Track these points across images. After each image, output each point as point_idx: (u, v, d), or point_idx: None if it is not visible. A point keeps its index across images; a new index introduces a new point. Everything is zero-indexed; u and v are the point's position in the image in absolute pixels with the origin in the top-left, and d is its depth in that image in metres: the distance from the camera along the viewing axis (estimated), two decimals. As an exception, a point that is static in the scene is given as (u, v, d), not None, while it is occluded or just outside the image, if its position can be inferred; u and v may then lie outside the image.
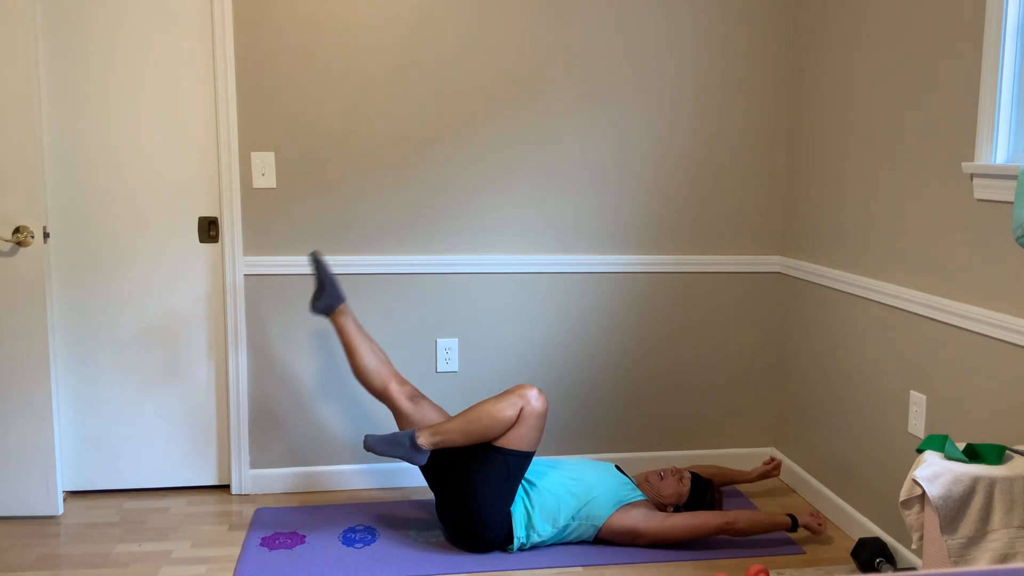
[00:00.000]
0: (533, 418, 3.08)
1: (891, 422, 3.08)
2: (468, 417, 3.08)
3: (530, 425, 3.08)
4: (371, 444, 3.06)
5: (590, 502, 3.14)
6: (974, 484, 2.13)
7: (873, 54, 3.16)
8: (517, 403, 3.08)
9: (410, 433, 3.07)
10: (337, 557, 3.09)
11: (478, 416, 3.07)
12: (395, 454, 3.06)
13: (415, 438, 3.06)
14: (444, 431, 3.08)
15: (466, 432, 3.07)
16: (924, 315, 2.88)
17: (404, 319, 3.66)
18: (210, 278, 3.56)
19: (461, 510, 3.08)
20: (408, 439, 3.06)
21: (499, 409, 3.06)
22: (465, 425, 3.07)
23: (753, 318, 3.88)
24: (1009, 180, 2.50)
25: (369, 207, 3.59)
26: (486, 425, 3.06)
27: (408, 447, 3.06)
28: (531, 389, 3.10)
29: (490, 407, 3.07)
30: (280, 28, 3.46)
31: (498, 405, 3.07)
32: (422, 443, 3.06)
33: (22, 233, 3.21)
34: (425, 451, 3.07)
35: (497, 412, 3.06)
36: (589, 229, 3.72)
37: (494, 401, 3.09)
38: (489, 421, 3.06)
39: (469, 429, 3.07)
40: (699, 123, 3.73)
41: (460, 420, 3.08)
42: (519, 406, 3.07)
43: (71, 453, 3.57)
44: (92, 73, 3.40)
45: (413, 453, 3.06)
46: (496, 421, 3.06)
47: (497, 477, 3.06)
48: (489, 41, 3.57)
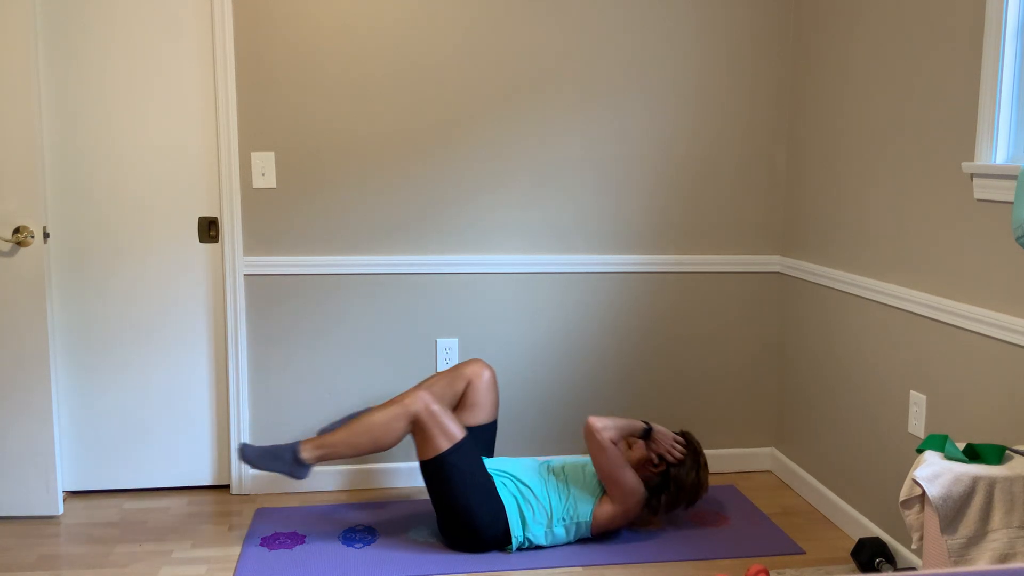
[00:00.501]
0: (433, 419, 3.00)
1: (891, 422, 3.08)
2: (353, 430, 2.98)
3: (436, 423, 3.00)
4: (249, 456, 2.94)
5: (575, 500, 3.14)
6: (974, 484, 2.13)
7: (873, 54, 3.17)
8: (406, 414, 2.99)
9: (292, 446, 2.96)
10: (337, 557, 3.09)
11: (365, 428, 2.98)
12: (274, 469, 2.95)
13: (298, 452, 2.96)
14: (329, 444, 2.98)
15: (353, 444, 2.98)
16: (924, 315, 2.88)
17: (404, 319, 3.66)
18: (210, 278, 3.56)
19: (453, 521, 3.08)
20: (290, 453, 2.95)
21: (384, 423, 2.98)
22: (351, 438, 2.98)
23: (753, 318, 3.88)
24: (1009, 180, 2.50)
25: (369, 207, 3.59)
26: (374, 436, 2.98)
27: (290, 461, 2.95)
28: (417, 396, 3.01)
29: (376, 420, 2.99)
30: (280, 28, 3.46)
31: (383, 418, 2.99)
32: (305, 457, 2.96)
33: (22, 233, 3.21)
34: (308, 465, 2.97)
35: (383, 425, 2.98)
36: (589, 229, 3.73)
37: (382, 411, 3.01)
38: (378, 433, 2.98)
39: (355, 442, 2.98)
40: (699, 123, 3.73)
41: (345, 432, 2.99)
42: (408, 417, 3.00)
43: (71, 453, 3.57)
44: (92, 73, 3.40)
45: (295, 468, 2.95)
46: (384, 432, 2.98)
47: (457, 479, 3.02)
48: (489, 41, 3.57)
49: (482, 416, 3.29)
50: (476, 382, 3.27)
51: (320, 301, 3.60)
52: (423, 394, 3.03)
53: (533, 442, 3.80)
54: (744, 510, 3.52)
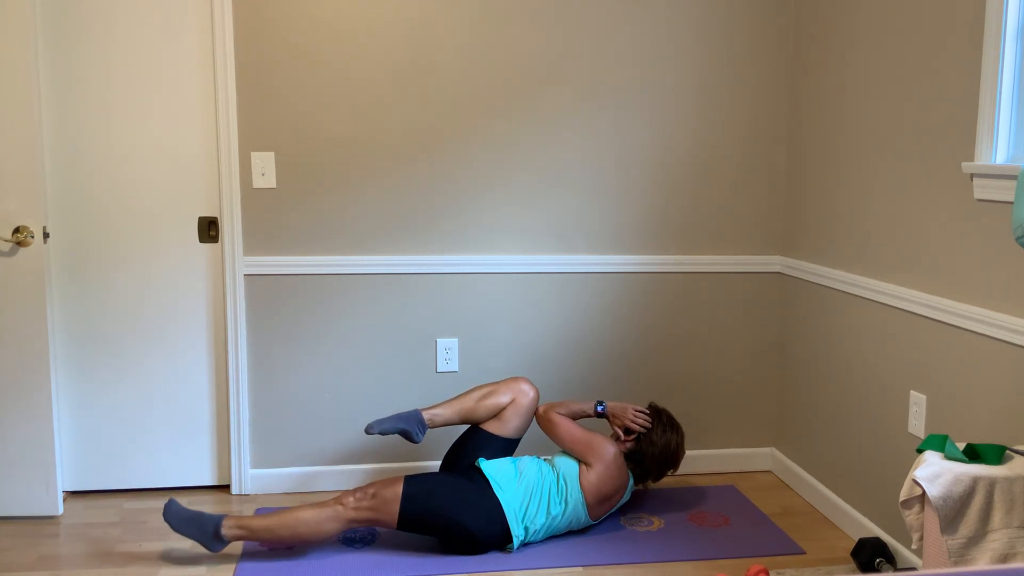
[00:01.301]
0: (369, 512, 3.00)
1: (891, 422, 3.08)
2: (281, 520, 2.97)
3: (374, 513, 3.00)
4: (170, 516, 2.96)
5: (565, 481, 3.16)
6: (974, 484, 2.13)
7: (873, 54, 3.17)
8: (335, 516, 2.98)
9: (216, 519, 2.96)
10: (337, 557, 3.09)
11: (291, 523, 2.97)
12: (191, 535, 2.96)
13: (219, 527, 2.96)
14: (249, 528, 2.97)
15: (274, 533, 2.98)
16: (924, 315, 2.88)
17: (404, 319, 3.66)
18: (210, 278, 3.56)
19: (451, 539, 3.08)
20: (213, 526, 2.96)
21: (315, 523, 2.97)
22: (274, 527, 2.97)
23: (753, 318, 3.88)
24: (1009, 180, 2.50)
25: (369, 207, 3.59)
26: (298, 534, 2.98)
27: (210, 533, 2.96)
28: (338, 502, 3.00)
29: (305, 517, 2.97)
30: (280, 28, 3.46)
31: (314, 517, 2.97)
32: (225, 533, 2.96)
33: (22, 233, 3.21)
34: (225, 542, 2.97)
35: (312, 524, 2.97)
36: (589, 229, 3.72)
37: (311, 512, 2.98)
38: (303, 531, 2.97)
39: (278, 532, 2.98)
40: (699, 123, 3.73)
41: (272, 520, 2.98)
42: (343, 520, 2.99)
43: (71, 453, 3.57)
44: (92, 73, 3.40)
45: (212, 541, 2.97)
46: (312, 533, 2.97)
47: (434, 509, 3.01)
48: (489, 41, 3.57)
49: (509, 431, 3.30)
50: (520, 400, 3.30)
51: (320, 301, 3.60)
52: (347, 500, 2.99)
53: (533, 442, 3.80)
54: (744, 510, 3.52)
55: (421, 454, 3.75)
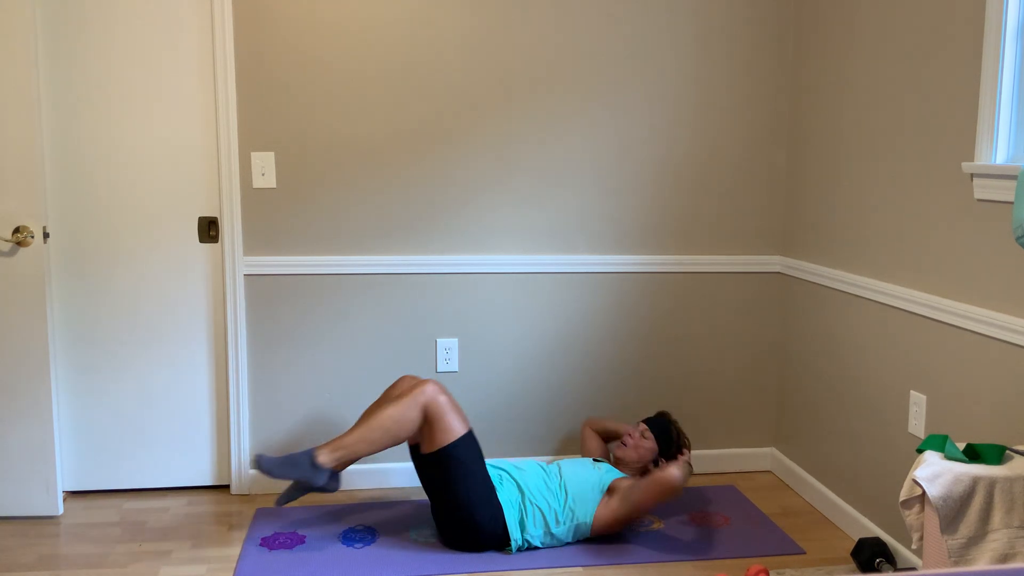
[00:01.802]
0: (441, 408, 3.02)
1: (891, 422, 3.08)
2: (369, 426, 3.00)
3: (444, 414, 3.02)
4: (266, 467, 2.94)
5: (574, 503, 3.13)
6: (974, 484, 2.13)
7: (873, 54, 3.17)
8: (417, 403, 3.01)
9: (308, 452, 2.98)
10: (337, 557, 3.09)
11: (379, 422, 2.99)
12: (293, 476, 2.95)
13: (315, 457, 2.97)
14: (345, 445, 2.99)
15: (369, 440, 2.99)
16: (924, 315, 2.88)
17: (404, 319, 3.66)
18: (210, 278, 3.56)
19: (451, 516, 3.08)
20: (307, 458, 2.96)
21: (399, 412, 3.00)
22: (367, 434, 2.99)
23: (753, 318, 3.88)
24: (1009, 180, 2.50)
25: (369, 207, 3.59)
26: (388, 429, 2.99)
27: (307, 466, 2.96)
28: (427, 385, 3.04)
29: (390, 411, 3.00)
30: (280, 28, 3.46)
31: (398, 408, 3.00)
32: (322, 461, 2.97)
33: (22, 233, 3.21)
34: (325, 469, 2.97)
35: (398, 415, 2.99)
36: (589, 229, 3.73)
37: (394, 405, 3.02)
38: (391, 425, 2.99)
39: (371, 437, 2.99)
40: (699, 123, 3.73)
41: (360, 430, 3.00)
42: (420, 405, 3.01)
43: (71, 453, 3.57)
44: (92, 73, 3.40)
45: (313, 473, 2.96)
46: (399, 425, 2.99)
47: (459, 473, 3.04)
48: (489, 41, 3.57)
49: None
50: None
51: (320, 301, 3.60)
52: (432, 385, 3.05)
53: (533, 442, 3.80)
54: (744, 510, 3.52)
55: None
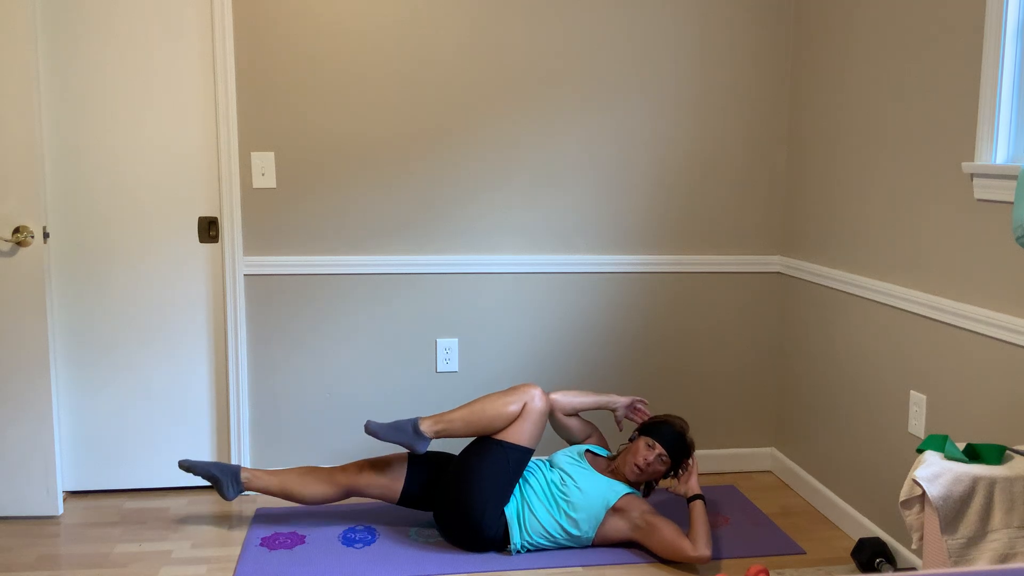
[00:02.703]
0: (535, 415, 3.14)
1: (891, 422, 3.08)
2: (473, 408, 3.14)
3: (532, 421, 3.13)
4: (374, 428, 3.11)
5: (579, 519, 3.11)
6: (974, 484, 2.13)
7: (873, 54, 3.17)
8: (521, 399, 3.14)
9: (413, 420, 3.13)
10: (337, 557, 3.09)
11: (483, 408, 3.13)
12: (398, 440, 3.10)
13: (418, 425, 3.12)
14: (448, 420, 3.14)
15: (469, 423, 3.13)
16: (924, 315, 2.88)
17: (404, 319, 3.66)
18: (210, 278, 3.56)
19: (459, 502, 3.07)
20: (411, 425, 3.12)
21: (504, 403, 3.13)
22: (469, 416, 3.13)
23: (753, 318, 3.88)
24: (1009, 180, 2.50)
25: (369, 207, 3.59)
26: (490, 416, 3.12)
27: (411, 433, 3.11)
28: (535, 388, 3.17)
29: (495, 400, 3.14)
30: (280, 28, 3.46)
31: (503, 399, 3.14)
32: (424, 430, 3.12)
33: (22, 233, 3.21)
34: (427, 438, 3.12)
35: (501, 406, 3.13)
36: (589, 229, 3.73)
37: (499, 395, 3.15)
38: (493, 413, 3.12)
39: (472, 420, 3.13)
40: (699, 123, 3.73)
41: (464, 411, 3.14)
42: (523, 402, 3.14)
43: (71, 453, 3.57)
44: (92, 73, 3.40)
45: (415, 439, 3.11)
46: (500, 415, 3.12)
47: (496, 470, 3.07)
48: (489, 41, 3.57)
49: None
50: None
51: (320, 301, 3.60)
52: (538, 390, 3.18)
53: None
54: (744, 510, 3.52)
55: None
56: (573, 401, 3.38)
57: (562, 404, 3.37)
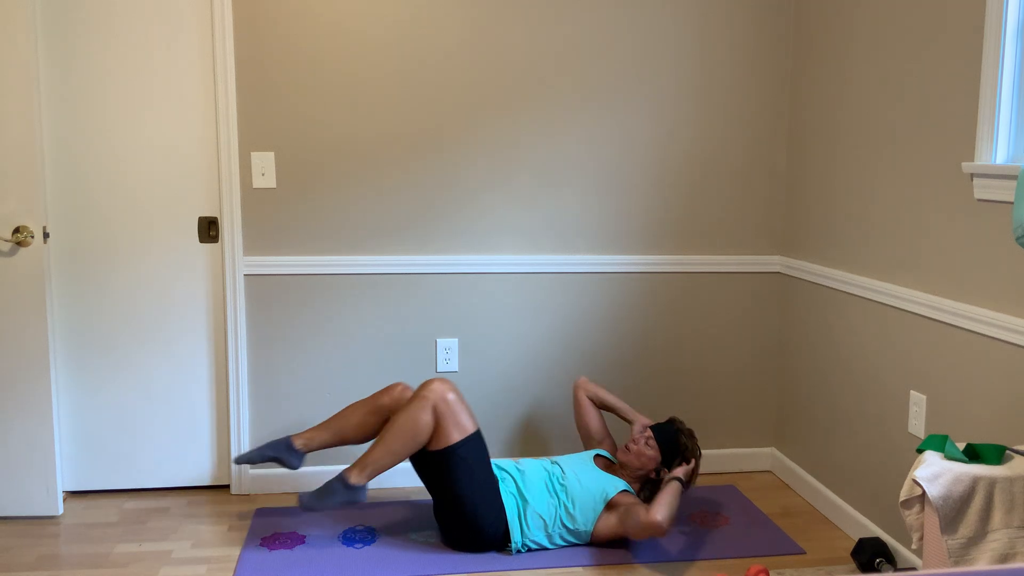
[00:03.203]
0: (451, 407, 3.07)
1: (891, 422, 3.08)
2: (387, 438, 3.07)
3: (453, 413, 3.07)
4: (307, 504, 3.05)
5: (576, 511, 3.12)
6: (974, 484, 2.13)
7: (873, 54, 3.17)
8: (425, 403, 3.05)
9: (340, 477, 3.07)
10: (337, 557, 3.09)
11: (396, 432, 3.06)
12: (334, 503, 3.05)
13: (347, 480, 3.06)
14: (371, 461, 3.07)
15: (392, 451, 3.06)
16: (924, 315, 2.88)
17: (404, 319, 3.66)
18: (210, 278, 3.56)
19: (453, 515, 3.08)
20: (340, 484, 3.06)
21: (411, 418, 3.05)
22: (388, 446, 3.06)
23: (753, 318, 3.88)
24: (1009, 180, 2.50)
25: (369, 207, 3.59)
26: (407, 436, 3.05)
27: (342, 490, 3.06)
28: (433, 384, 3.08)
29: (403, 419, 3.06)
30: (280, 28, 3.46)
31: (409, 414, 3.05)
32: (355, 482, 3.06)
33: (22, 233, 3.21)
34: (362, 487, 3.06)
35: (411, 421, 3.05)
36: (589, 229, 3.73)
37: (404, 412, 3.07)
38: (408, 431, 3.05)
39: (394, 448, 3.06)
40: (700, 123, 3.73)
41: (381, 445, 3.07)
42: (430, 406, 3.05)
43: (71, 453, 3.57)
44: (92, 73, 3.40)
45: (351, 494, 3.06)
46: (415, 429, 3.05)
47: (462, 473, 3.05)
48: (489, 41, 3.57)
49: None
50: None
51: (320, 301, 3.60)
52: (439, 383, 3.08)
53: (533, 442, 3.80)
54: (744, 510, 3.52)
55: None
56: (599, 391, 3.48)
57: (589, 387, 3.48)
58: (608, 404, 3.47)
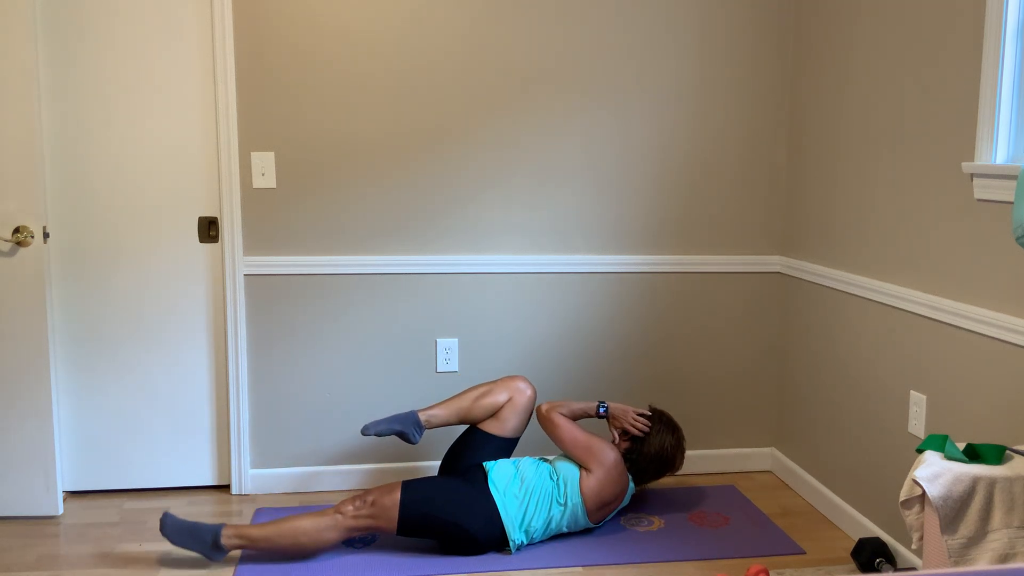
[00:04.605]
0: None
1: (891, 422, 3.08)
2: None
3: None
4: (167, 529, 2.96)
5: (565, 483, 3.16)
6: (974, 484, 2.13)
7: (873, 54, 3.17)
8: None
9: (215, 528, 2.96)
10: (337, 558, 3.09)
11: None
12: (191, 547, 2.96)
13: (218, 537, 2.96)
14: (250, 537, 2.97)
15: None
16: (924, 315, 2.88)
17: (404, 319, 3.66)
18: (210, 278, 3.56)
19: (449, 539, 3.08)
20: (211, 536, 2.96)
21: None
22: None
23: (753, 318, 3.88)
24: (1009, 180, 2.50)
25: (369, 207, 3.59)
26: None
27: (209, 544, 2.96)
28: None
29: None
30: (280, 28, 3.46)
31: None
32: (225, 543, 2.96)
33: (22, 233, 3.21)
34: (225, 551, 2.97)
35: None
36: (589, 229, 3.73)
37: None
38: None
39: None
40: (700, 123, 3.73)
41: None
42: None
43: (71, 453, 3.57)
44: (92, 73, 3.40)
45: (212, 551, 2.97)
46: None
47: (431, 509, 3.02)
48: (489, 41, 3.57)
49: (508, 431, 3.29)
50: (517, 398, 3.29)
51: (320, 301, 3.60)
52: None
53: (533, 442, 3.80)
54: (744, 510, 3.52)
55: (420, 454, 3.75)
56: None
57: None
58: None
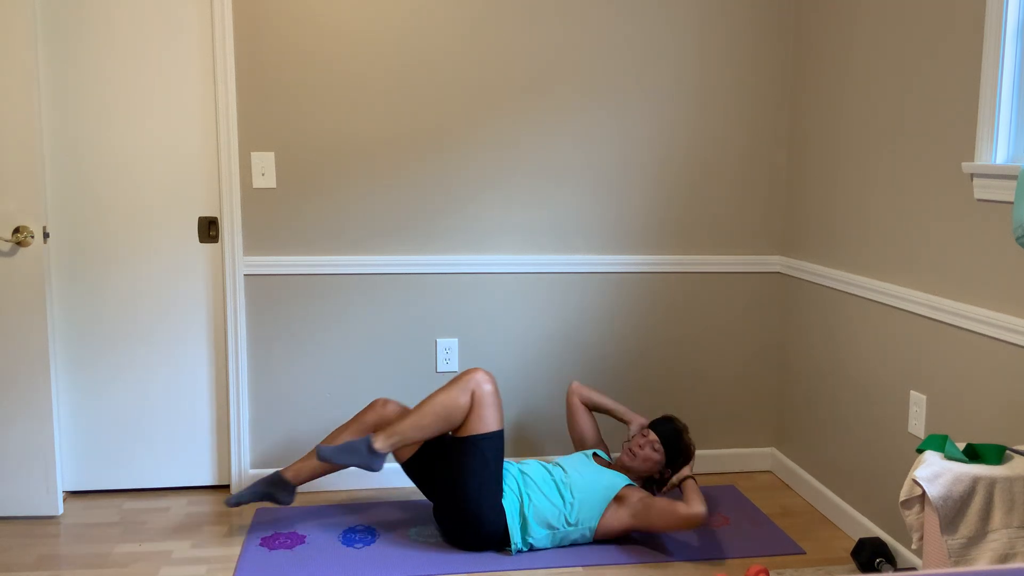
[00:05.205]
0: (487, 398, 3.11)
1: (891, 422, 3.08)
2: (421, 412, 3.09)
3: (487, 404, 3.10)
4: (326, 455, 3.05)
5: (580, 506, 3.13)
6: (974, 484, 2.13)
7: (873, 54, 3.17)
8: (467, 388, 3.10)
9: (366, 439, 3.07)
10: (337, 557, 3.09)
11: (430, 408, 3.09)
12: (352, 462, 3.05)
13: (371, 443, 3.05)
14: (399, 431, 3.07)
15: (421, 427, 3.08)
16: (924, 315, 2.88)
17: (404, 319, 3.66)
18: (210, 278, 3.56)
19: (454, 507, 3.08)
20: (364, 445, 3.05)
21: (450, 398, 3.09)
22: (419, 420, 3.09)
23: (753, 318, 3.88)
24: (1009, 180, 2.50)
25: (369, 207, 3.59)
26: (439, 415, 3.08)
27: (365, 453, 3.05)
28: (477, 372, 3.13)
29: (441, 397, 3.10)
30: (280, 28, 3.46)
31: (449, 394, 3.10)
32: (379, 447, 3.05)
33: (22, 233, 3.21)
34: (382, 455, 3.06)
35: (449, 401, 3.08)
36: (589, 229, 3.73)
37: (444, 391, 3.11)
38: (441, 410, 3.08)
39: (423, 423, 3.08)
40: (700, 123, 3.73)
41: (413, 417, 3.10)
42: (469, 390, 3.10)
43: (71, 453, 3.57)
44: (92, 73, 3.40)
45: (371, 459, 3.05)
46: (449, 410, 3.08)
47: (477, 465, 3.06)
48: (489, 41, 3.57)
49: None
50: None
51: (320, 301, 3.60)
52: (483, 373, 3.13)
53: (533, 443, 3.80)
54: (744, 510, 3.52)
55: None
56: (593, 395, 3.47)
57: (583, 392, 3.47)
58: (603, 407, 3.48)
